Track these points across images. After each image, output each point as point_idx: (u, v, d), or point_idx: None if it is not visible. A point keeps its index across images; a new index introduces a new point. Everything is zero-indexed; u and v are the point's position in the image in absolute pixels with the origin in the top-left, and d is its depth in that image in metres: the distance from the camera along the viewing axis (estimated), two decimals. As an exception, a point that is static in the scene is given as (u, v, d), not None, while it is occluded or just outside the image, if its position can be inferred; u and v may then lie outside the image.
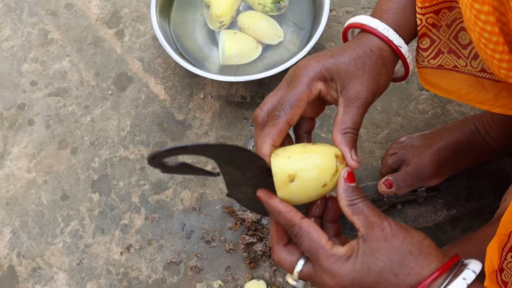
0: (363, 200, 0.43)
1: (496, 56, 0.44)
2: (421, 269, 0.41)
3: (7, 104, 0.93)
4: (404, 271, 0.41)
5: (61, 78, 0.94)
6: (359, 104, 0.46)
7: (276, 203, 0.45)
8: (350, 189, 0.44)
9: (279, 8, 0.88)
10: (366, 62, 0.48)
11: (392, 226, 0.42)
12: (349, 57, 0.47)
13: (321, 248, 0.42)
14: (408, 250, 0.41)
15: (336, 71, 0.47)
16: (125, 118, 0.91)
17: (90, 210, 0.85)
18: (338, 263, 0.42)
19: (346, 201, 0.43)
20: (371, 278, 0.41)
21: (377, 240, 0.41)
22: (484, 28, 0.42)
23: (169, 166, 0.40)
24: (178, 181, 0.86)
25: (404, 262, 0.41)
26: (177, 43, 0.89)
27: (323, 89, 0.47)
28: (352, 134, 0.46)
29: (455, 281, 0.41)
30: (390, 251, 0.41)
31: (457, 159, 0.75)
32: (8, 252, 0.84)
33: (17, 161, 0.89)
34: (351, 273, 0.41)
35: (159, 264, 0.81)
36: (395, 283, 0.41)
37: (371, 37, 0.50)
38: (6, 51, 0.97)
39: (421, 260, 0.41)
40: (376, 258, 0.41)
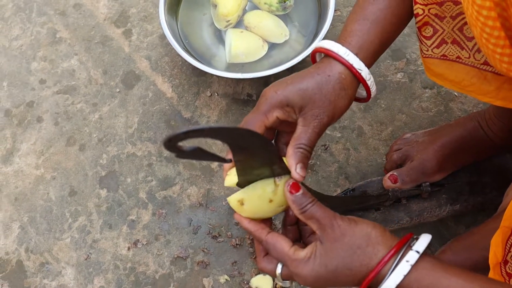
0: (312, 204, 0.48)
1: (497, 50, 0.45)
2: (370, 260, 0.46)
3: (16, 101, 0.95)
4: (355, 265, 0.46)
5: (69, 76, 0.96)
6: (315, 124, 0.51)
7: (246, 224, 0.51)
8: (298, 198, 0.48)
9: (285, 8, 0.90)
10: (324, 87, 0.52)
11: (341, 225, 0.47)
12: (306, 83, 0.52)
13: (286, 255, 0.48)
14: (357, 245, 0.46)
15: (292, 97, 0.51)
16: (132, 115, 0.92)
17: (97, 206, 0.86)
18: (300, 265, 0.47)
19: (297, 211, 0.48)
20: (330, 274, 0.46)
21: (330, 240, 0.47)
22: (486, 23, 0.43)
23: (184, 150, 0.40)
24: (185, 177, 0.87)
25: (354, 257, 0.46)
26: (184, 42, 0.90)
27: (280, 115, 0.52)
28: (303, 150, 0.50)
29: (400, 264, 0.45)
30: (341, 249, 0.46)
31: (461, 155, 0.76)
32: (17, 247, 0.85)
33: (26, 157, 0.90)
34: (312, 272, 0.47)
35: (166, 259, 0.82)
36: (350, 275, 0.46)
37: (332, 61, 0.53)
38: (16, 50, 0.99)
39: (369, 251, 0.46)
40: (330, 257, 0.46)
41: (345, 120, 0.89)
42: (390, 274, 0.45)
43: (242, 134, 0.42)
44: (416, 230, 0.80)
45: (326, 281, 0.47)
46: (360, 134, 0.88)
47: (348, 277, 0.46)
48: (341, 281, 0.47)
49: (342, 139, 0.88)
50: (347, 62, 0.52)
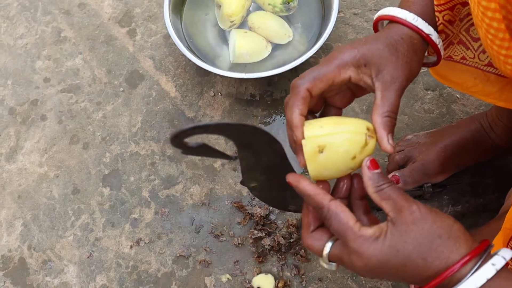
0: (390, 185, 0.44)
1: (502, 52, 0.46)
2: (450, 253, 0.41)
3: (20, 100, 0.95)
4: (432, 255, 0.41)
5: (73, 75, 0.96)
6: (396, 87, 0.47)
7: (305, 185, 0.45)
8: (375, 176, 0.44)
9: (289, 9, 0.90)
10: (399, 48, 0.49)
11: (421, 209, 0.42)
12: (382, 43, 0.48)
13: (349, 229, 0.42)
14: (437, 233, 0.41)
15: (370, 57, 0.48)
16: (136, 114, 0.92)
17: (100, 204, 0.86)
18: (366, 244, 0.42)
19: (373, 188, 0.44)
20: (399, 260, 0.41)
21: (406, 223, 0.41)
22: (491, 24, 0.44)
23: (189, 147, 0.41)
24: (188, 176, 0.87)
25: (433, 246, 0.41)
26: (188, 42, 0.91)
27: (354, 76, 0.48)
28: (391, 118, 0.47)
29: (484, 266, 0.40)
30: (419, 234, 0.41)
31: (463, 156, 0.76)
32: (19, 244, 0.85)
33: (29, 155, 0.91)
34: (379, 255, 0.41)
35: (168, 258, 0.82)
36: (423, 266, 0.41)
37: (400, 27, 0.51)
38: (20, 49, 0.99)
39: (451, 245, 0.41)
40: (405, 241, 0.41)
41: (347, 121, 0.89)
42: (471, 275, 0.40)
43: (247, 130, 0.43)
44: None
45: (390, 268, 0.42)
46: (362, 135, 0.88)
47: (419, 268, 0.41)
48: (408, 273, 0.42)
49: (344, 140, 0.88)
50: (416, 27, 0.50)
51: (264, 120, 0.90)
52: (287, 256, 0.81)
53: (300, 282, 0.79)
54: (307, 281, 0.79)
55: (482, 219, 0.81)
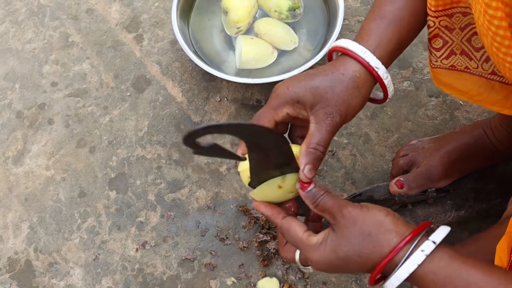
0: (324, 195, 0.49)
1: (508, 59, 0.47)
2: (381, 247, 0.46)
3: (28, 103, 0.96)
4: (366, 251, 0.46)
5: (81, 80, 0.97)
6: (327, 122, 0.51)
7: (262, 208, 0.53)
8: (310, 194, 0.49)
9: (295, 16, 0.92)
10: (337, 86, 0.51)
11: (351, 212, 0.47)
12: (319, 81, 0.52)
13: (299, 239, 0.49)
14: (368, 231, 0.46)
15: (304, 94, 0.51)
16: (143, 119, 0.93)
17: (107, 207, 0.87)
18: (312, 250, 0.48)
19: (312, 205, 0.49)
20: (340, 261, 0.47)
21: (341, 227, 0.47)
22: (497, 32, 0.45)
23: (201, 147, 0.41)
24: (194, 180, 0.88)
25: (365, 244, 0.46)
26: (195, 47, 0.92)
27: (290, 111, 0.52)
28: (316, 151, 0.50)
29: (415, 253, 0.44)
30: (351, 236, 0.46)
31: (466, 162, 0.77)
32: (26, 247, 0.86)
33: (36, 158, 0.92)
34: (323, 258, 0.47)
35: (173, 261, 0.83)
36: (361, 262, 0.46)
37: (347, 60, 0.53)
38: (28, 53, 1.00)
39: (381, 239, 0.46)
40: (340, 244, 0.47)
41: (352, 127, 0.90)
42: (403, 263, 0.45)
43: (259, 131, 0.44)
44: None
45: (337, 267, 0.48)
46: (366, 141, 0.89)
47: (359, 264, 0.47)
48: (352, 268, 0.47)
49: (349, 145, 0.89)
50: (363, 60, 0.52)
51: (269, 125, 0.91)
52: (292, 259, 0.81)
53: (305, 286, 0.80)
54: (311, 285, 0.80)
55: (485, 224, 0.82)
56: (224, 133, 0.42)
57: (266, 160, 0.50)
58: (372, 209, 0.48)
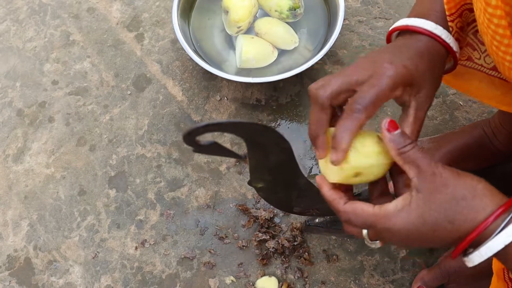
0: (413, 146, 0.43)
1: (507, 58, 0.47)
2: (476, 213, 0.41)
3: (28, 102, 0.96)
4: (459, 217, 0.41)
5: (81, 78, 0.98)
6: (426, 107, 0.48)
7: (324, 191, 0.47)
8: (397, 138, 0.43)
9: (295, 15, 0.92)
10: (434, 66, 0.49)
11: (443, 174, 0.42)
12: (420, 60, 0.48)
13: (370, 215, 0.44)
14: (461, 195, 0.41)
15: (417, 77, 0.47)
16: (143, 117, 0.93)
17: (106, 206, 0.87)
18: (392, 219, 0.42)
19: (395, 151, 0.43)
20: (428, 227, 0.42)
21: (429, 190, 0.42)
22: (496, 31, 0.45)
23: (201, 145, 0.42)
24: (194, 179, 0.88)
25: (458, 209, 0.41)
26: (196, 46, 0.92)
27: (398, 94, 0.47)
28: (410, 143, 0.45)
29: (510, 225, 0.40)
30: (443, 199, 0.41)
31: (466, 162, 0.77)
32: (25, 244, 0.86)
33: (37, 156, 0.92)
34: (407, 224, 0.42)
35: (173, 260, 0.83)
36: (451, 230, 0.41)
37: (421, 37, 0.50)
38: (29, 52, 1.01)
39: (476, 204, 0.41)
40: (430, 209, 0.41)
41: (351, 126, 0.90)
42: (499, 232, 0.40)
43: (259, 129, 0.44)
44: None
45: (421, 235, 0.42)
46: (366, 140, 0.89)
47: (449, 232, 0.42)
48: (439, 237, 0.42)
49: (348, 145, 0.89)
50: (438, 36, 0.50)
51: (269, 125, 0.91)
52: (291, 259, 0.81)
53: (304, 285, 0.80)
54: (310, 284, 0.80)
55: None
56: (224, 131, 0.42)
57: (265, 158, 0.50)
58: (464, 174, 0.43)
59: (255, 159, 0.50)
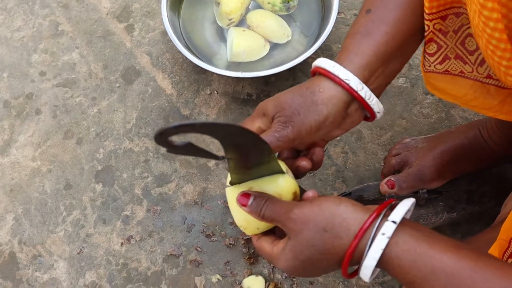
0: (266, 205, 0.47)
1: (503, 63, 0.44)
2: (341, 239, 0.43)
3: (15, 93, 0.94)
4: (327, 248, 0.44)
5: (69, 70, 0.96)
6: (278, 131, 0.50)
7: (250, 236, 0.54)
8: (252, 208, 0.48)
9: (288, 8, 0.89)
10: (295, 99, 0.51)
11: (299, 215, 0.45)
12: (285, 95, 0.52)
13: (268, 254, 0.49)
14: (322, 227, 0.43)
15: (269, 107, 0.52)
16: (131, 111, 0.91)
17: (92, 200, 0.86)
18: (277, 260, 0.48)
19: (259, 219, 0.48)
20: (306, 263, 0.45)
21: (294, 233, 0.45)
22: (492, 35, 0.42)
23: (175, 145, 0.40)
24: (181, 174, 0.86)
25: (323, 241, 0.43)
26: (186, 39, 0.90)
27: (261, 124, 0.53)
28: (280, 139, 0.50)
29: (376, 238, 0.41)
30: (307, 239, 0.44)
31: (460, 163, 0.75)
32: (10, 238, 0.84)
33: (23, 149, 0.90)
34: (288, 266, 0.46)
35: (158, 256, 0.82)
36: (327, 260, 0.44)
37: (320, 77, 0.52)
38: (17, 41, 0.99)
39: (338, 231, 0.43)
40: (300, 249, 0.45)
41: (344, 123, 0.88)
42: (368, 251, 0.42)
43: (234, 131, 0.42)
44: (412, 237, 0.79)
45: (306, 270, 0.46)
46: (359, 138, 0.87)
47: (326, 261, 0.44)
48: (321, 268, 0.45)
49: (341, 143, 0.87)
50: (331, 74, 0.50)
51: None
52: (278, 258, 0.80)
53: (291, 285, 0.78)
54: (298, 284, 0.78)
55: (478, 227, 0.80)
56: (198, 132, 0.39)
57: (245, 159, 0.48)
58: (322, 202, 0.45)
59: (234, 160, 0.48)
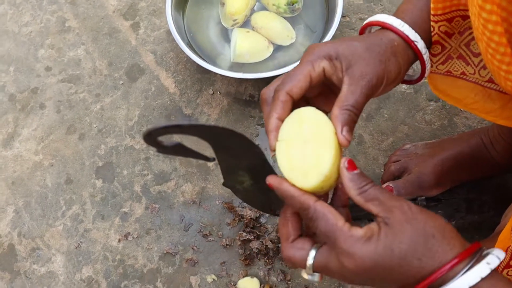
0: (373, 185, 0.42)
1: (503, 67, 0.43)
2: (444, 253, 0.39)
3: (21, 87, 0.96)
4: (427, 255, 0.39)
5: (75, 66, 0.96)
6: (363, 83, 0.45)
7: (288, 187, 0.43)
8: (356, 177, 0.42)
9: (293, 10, 0.89)
10: (375, 47, 0.48)
11: (412, 208, 0.40)
12: (358, 41, 0.48)
13: (339, 229, 0.40)
14: (431, 233, 0.40)
15: (342, 51, 0.47)
16: (134, 108, 0.92)
17: (92, 196, 0.86)
18: (358, 244, 0.39)
19: (356, 190, 0.41)
20: (394, 261, 0.39)
21: (399, 222, 0.40)
22: (491, 38, 0.42)
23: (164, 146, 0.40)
24: (181, 173, 0.86)
25: (428, 245, 0.39)
26: (190, 38, 0.90)
27: (327, 68, 0.47)
28: (350, 112, 0.45)
29: (479, 264, 0.39)
30: (414, 234, 0.39)
31: (460, 171, 0.74)
32: (10, 230, 0.85)
33: (26, 143, 0.91)
34: (374, 255, 0.39)
35: (155, 254, 0.82)
36: (417, 266, 0.39)
37: (385, 31, 0.50)
38: (24, 36, 1.00)
39: (445, 244, 0.40)
40: (399, 241, 0.39)
41: (346, 128, 0.88)
42: (464, 273, 0.39)
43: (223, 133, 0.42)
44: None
45: (384, 270, 0.40)
46: (360, 143, 0.86)
47: (414, 269, 0.39)
48: (402, 274, 0.40)
49: (341, 147, 0.86)
50: (402, 32, 0.49)
51: (261, 122, 0.89)
52: (274, 260, 0.79)
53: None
54: (292, 287, 0.78)
55: (478, 236, 0.79)
56: (186, 134, 0.40)
57: (236, 161, 0.48)
58: (431, 212, 0.41)
59: (225, 162, 0.48)
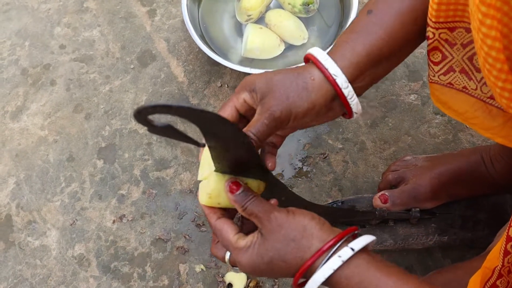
0: (252, 200, 0.49)
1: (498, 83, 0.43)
2: (303, 253, 0.47)
3: (34, 62, 0.97)
4: (289, 257, 0.47)
5: (88, 46, 0.98)
6: (266, 115, 0.50)
7: (203, 206, 0.53)
8: (238, 198, 0.49)
9: (308, 11, 0.89)
10: (286, 82, 0.52)
11: (277, 217, 0.48)
12: (276, 74, 0.52)
13: (229, 242, 0.50)
14: (291, 237, 0.47)
15: (259, 84, 0.52)
16: (142, 93, 0.93)
17: (92, 175, 0.87)
18: (240, 253, 0.49)
19: (240, 208, 0.49)
20: (265, 265, 0.48)
21: (269, 232, 0.48)
22: (489, 53, 0.41)
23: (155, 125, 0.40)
24: (181, 162, 0.87)
25: (288, 249, 0.47)
26: (203, 30, 0.91)
27: (247, 99, 0.53)
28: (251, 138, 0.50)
29: (331, 259, 0.45)
30: (276, 241, 0.47)
31: (457, 186, 0.74)
32: (9, 201, 0.87)
33: (33, 117, 0.93)
34: (249, 262, 0.48)
35: (147, 239, 0.83)
36: (285, 267, 0.48)
37: (311, 65, 0.53)
38: (43, 13, 1.01)
39: (303, 244, 0.47)
40: (266, 249, 0.48)
41: (349, 133, 0.88)
42: (320, 268, 0.46)
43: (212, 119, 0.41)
44: (400, 255, 0.79)
45: (262, 271, 0.49)
46: (361, 149, 0.86)
47: (283, 268, 0.48)
48: (276, 272, 0.49)
49: (342, 151, 0.86)
50: (322, 66, 0.52)
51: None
52: (263, 257, 0.80)
53: (273, 286, 0.78)
54: (280, 285, 0.78)
55: (470, 254, 0.78)
56: (175, 115, 0.39)
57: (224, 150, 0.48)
58: (298, 214, 0.48)
59: (216, 150, 0.48)
